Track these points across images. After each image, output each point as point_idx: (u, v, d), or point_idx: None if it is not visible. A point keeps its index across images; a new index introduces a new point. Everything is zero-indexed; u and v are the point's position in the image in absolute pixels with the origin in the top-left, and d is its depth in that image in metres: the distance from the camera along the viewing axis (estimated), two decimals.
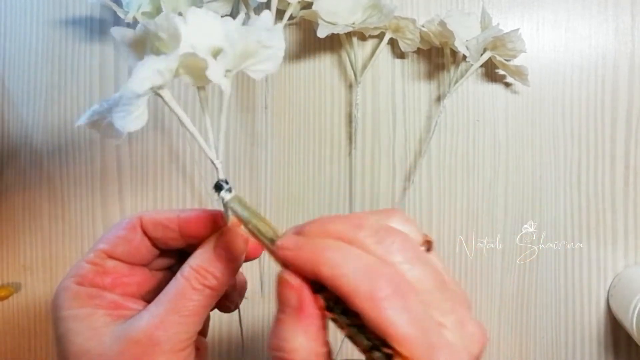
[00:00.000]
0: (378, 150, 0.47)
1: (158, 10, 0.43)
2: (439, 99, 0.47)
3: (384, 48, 0.46)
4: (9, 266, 0.47)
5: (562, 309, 0.47)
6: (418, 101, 0.47)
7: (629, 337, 0.46)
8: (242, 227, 0.26)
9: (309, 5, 0.43)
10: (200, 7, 0.43)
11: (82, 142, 0.47)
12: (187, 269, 0.27)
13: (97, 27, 0.45)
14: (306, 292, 0.23)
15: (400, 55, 0.47)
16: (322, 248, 0.23)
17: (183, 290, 0.26)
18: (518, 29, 0.42)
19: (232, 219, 0.28)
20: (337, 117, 0.47)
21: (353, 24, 0.43)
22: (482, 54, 0.43)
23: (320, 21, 0.43)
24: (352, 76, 0.46)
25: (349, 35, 0.45)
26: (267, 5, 0.43)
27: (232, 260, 0.27)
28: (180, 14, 0.44)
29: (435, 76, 0.47)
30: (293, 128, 0.47)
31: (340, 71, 0.47)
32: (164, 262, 0.31)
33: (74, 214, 0.47)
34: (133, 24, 0.45)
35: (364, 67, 0.46)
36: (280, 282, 0.23)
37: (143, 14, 0.43)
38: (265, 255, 0.46)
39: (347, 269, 0.22)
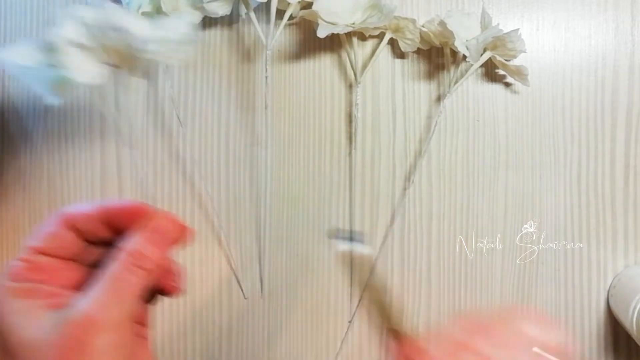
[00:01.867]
0: (378, 150, 0.47)
1: (158, 10, 0.43)
2: (439, 99, 0.47)
3: (384, 48, 0.46)
4: None
5: (562, 309, 0.47)
6: (418, 101, 0.47)
7: (629, 337, 0.46)
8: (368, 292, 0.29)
9: (309, 5, 0.43)
10: (200, 7, 0.43)
11: (82, 142, 0.47)
12: (121, 252, 0.28)
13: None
14: None
15: (400, 55, 0.47)
16: None
17: (118, 272, 0.28)
18: (518, 29, 0.42)
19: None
20: (337, 117, 0.47)
21: (353, 24, 0.43)
22: (482, 54, 0.43)
23: (320, 21, 0.43)
24: (352, 76, 0.46)
25: (349, 35, 0.45)
26: (267, 5, 0.43)
27: (163, 243, 0.29)
28: (180, 14, 0.44)
29: (435, 76, 0.47)
30: (293, 128, 0.47)
31: (340, 71, 0.47)
32: (94, 255, 0.31)
33: None
34: None
35: (364, 67, 0.46)
36: None
37: (143, 13, 0.43)
38: (266, 256, 0.46)
39: None
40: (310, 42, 0.47)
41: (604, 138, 0.47)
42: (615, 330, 0.47)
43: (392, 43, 0.46)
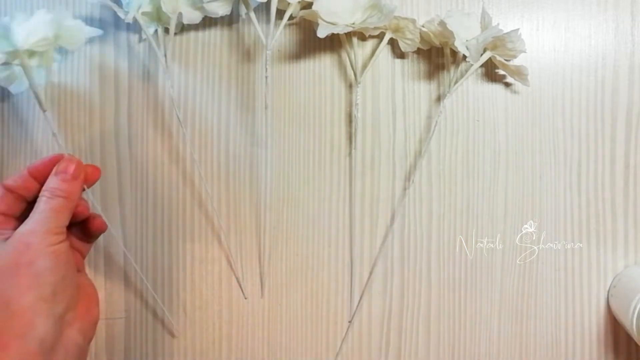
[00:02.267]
0: (378, 150, 0.47)
1: (158, 10, 0.43)
2: (439, 99, 0.47)
3: (384, 48, 0.46)
4: None
5: (562, 309, 0.47)
6: (418, 101, 0.47)
7: (629, 337, 0.46)
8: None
9: (309, 6, 0.43)
10: (200, 6, 0.43)
11: (82, 143, 0.47)
12: (42, 192, 0.38)
13: (96, 28, 0.45)
14: None
15: (400, 55, 0.47)
16: None
17: (43, 204, 0.37)
18: (518, 29, 0.42)
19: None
20: (337, 117, 0.47)
21: (353, 24, 0.43)
22: (482, 54, 0.43)
23: (320, 21, 0.43)
24: (352, 76, 0.46)
25: (349, 35, 0.45)
26: (267, 5, 0.43)
27: (72, 179, 0.39)
28: (180, 14, 0.44)
29: (435, 76, 0.47)
30: (293, 128, 0.47)
31: (340, 71, 0.47)
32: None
33: None
34: (133, 25, 0.45)
35: (364, 67, 0.46)
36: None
37: (143, 14, 0.43)
38: (266, 256, 0.46)
39: None
40: (310, 42, 0.47)
41: (604, 138, 0.47)
42: (615, 330, 0.47)
43: (392, 43, 0.46)
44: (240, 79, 0.47)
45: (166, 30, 0.44)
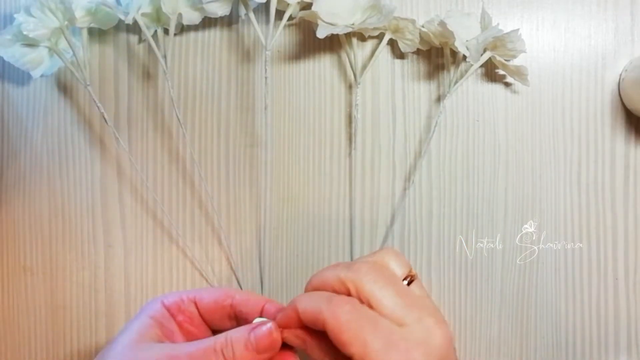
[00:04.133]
0: (378, 150, 0.47)
1: (158, 11, 0.43)
2: (439, 99, 0.47)
3: (384, 48, 0.46)
4: (9, 267, 0.47)
5: (562, 309, 0.47)
6: (418, 101, 0.47)
7: (629, 337, 0.46)
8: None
9: (308, 6, 0.43)
10: (199, 7, 0.43)
11: (82, 143, 0.47)
12: (223, 335, 0.32)
13: (96, 28, 0.45)
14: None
15: (400, 55, 0.47)
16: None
17: (207, 347, 0.32)
18: (518, 29, 0.42)
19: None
20: (337, 117, 0.47)
21: (352, 24, 0.43)
22: (482, 54, 0.43)
23: (319, 22, 0.43)
24: (352, 77, 0.46)
25: (348, 35, 0.45)
26: (267, 6, 0.43)
27: (254, 351, 0.32)
28: (180, 15, 0.44)
29: (435, 76, 0.47)
30: (293, 128, 0.47)
31: (340, 72, 0.47)
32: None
33: (74, 214, 0.47)
34: (133, 25, 0.45)
35: (364, 67, 0.46)
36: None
37: (143, 14, 0.43)
38: (266, 256, 0.46)
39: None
40: (310, 42, 0.47)
41: (604, 138, 0.47)
42: (615, 330, 0.47)
43: (392, 43, 0.46)
44: (239, 79, 0.47)
45: (166, 31, 0.44)
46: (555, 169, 0.47)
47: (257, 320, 0.34)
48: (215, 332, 0.37)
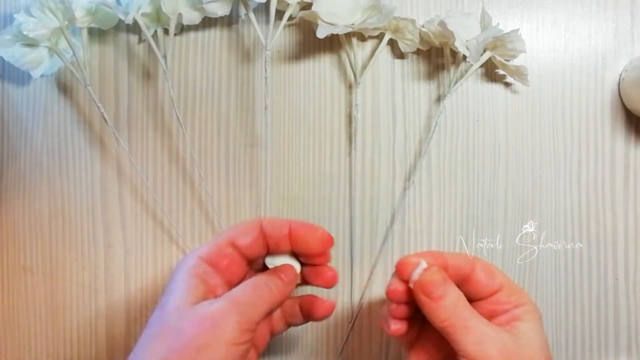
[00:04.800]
0: (378, 150, 0.47)
1: (158, 11, 0.43)
2: (439, 99, 0.47)
3: (384, 49, 0.46)
4: (9, 267, 0.47)
5: (562, 309, 0.47)
6: (418, 101, 0.47)
7: (629, 337, 0.46)
8: None
9: (308, 6, 0.43)
10: (199, 7, 0.43)
11: (82, 143, 0.47)
12: (271, 271, 0.37)
13: (96, 28, 0.45)
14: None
15: (400, 55, 0.47)
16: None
17: (256, 283, 0.35)
18: (518, 29, 0.42)
19: None
20: (337, 117, 0.47)
21: (352, 24, 0.43)
22: (482, 54, 0.43)
23: (319, 22, 0.43)
24: (352, 77, 0.46)
25: (348, 35, 0.45)
26: (267, 6, 0.43)
27: (289, 284, 0.37)
28: (180, 15, 0.44)
29: (435, 76, 0.47)
30: (293, 128, 0.47)
31: (340, 72, 0.47)
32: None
33: (74, 214, 0.47)
34: (133, 25, 0.45)
35: (364, 67, 0.46)
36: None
37: (143, 14, 0.43)
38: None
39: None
40: (310, 42, 0.47)
41: (604, 138, 0.47)
42: (615, 330, 0.47)
43: (392, 43, 0.46)
44: (239, 79, 0.47)
45: (166, 31, 0.44)
46: (555, 169, 0.47)
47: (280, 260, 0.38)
48: (250, 264, 0.38)
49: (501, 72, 0.46)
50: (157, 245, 0.47)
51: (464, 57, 0.43)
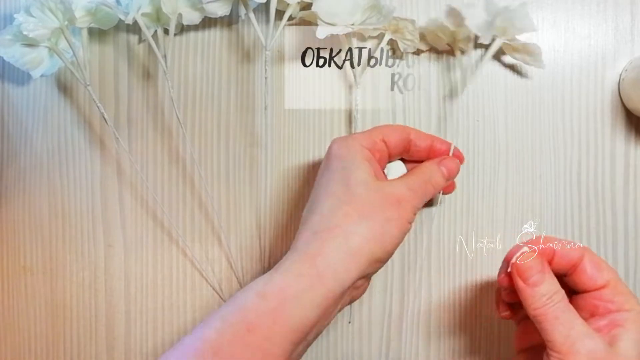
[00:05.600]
0: None
1: (158, 11, 0.43)
2: (439, 99, 0.47)
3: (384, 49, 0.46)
4: (9, 267, 0.47)
5: None
6: (418, 101, 0.47)
7: None
8: None
9: (308, 6, 0.43)
10: (199, 7, 0.43)
11: (82, 143, 0.47)
12: (426, 171, 0.40)
13: (96, 28, 0.45)
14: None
15: (400, 55, 0.47)
16: None
17: (421, 182, 0.39)
18: (525, 4, 0.41)
19: None
20: (337, 117, 0.47)
21: (352, 25, 0.43)
22: (492, 42, 0.42)
23: (319, 22, 0.43)
24: (352, 77, 0.46)
25: (348, 36, 0.45)
26: (267, 6, 0.43)
27: (447, 178, 0.41)
28: (180, 15, 0.44)
29: (435, 76, 0.47)
30: (293, 128, 0.47)
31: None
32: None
33: (74, 214, 0.47)
34: (133, 25, 0.45)
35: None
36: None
37: (143, 14, 0.43)
38: (266, 256, 0.46)
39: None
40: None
41: (604, 138, 0.47)
42: None
43: (392, 43, 0.46)
44: (239, 79, 0.47)
45: (166, 31, 0.44)
46: (555, 168, 0.47)
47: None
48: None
49: (502, 71, 0.46)
50: (157, 245, 0.47)
51: (475, 45, 0.42)
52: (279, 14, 0.43)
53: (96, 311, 0.47)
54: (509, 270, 0.36)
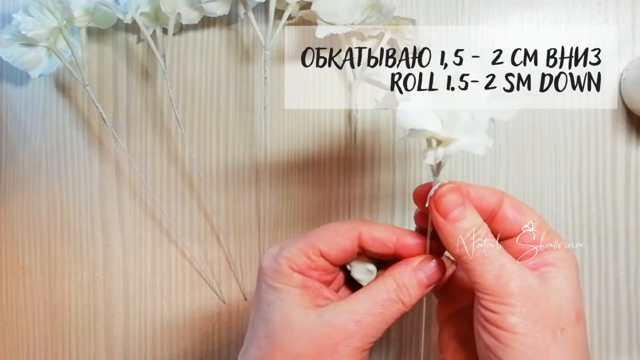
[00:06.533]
0: (378, 150, 0.47)
1: (157, 11, 0.43)
2: None
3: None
4: (8, 267, 0.47)
5: None
6: None
7: (630, 337, 0.46)
8: None
9: (307, 6, 0.43)
10: (198, 6, 0.43)
11: (81, 143, 0.47)
12: (391, 281, 0.31)
13: (94, 27, 0.45)
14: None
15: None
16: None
17: (384, 299, 0.30)
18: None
19: None
20: (337, 117, 0.47)
21: (352, 24, 0.43)
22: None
23: (319, 21, 0.43)
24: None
25: (348, 35, 0.45)
26: (266, 6, 0.43)
27: (427, 287, 0.32)
28: (178, 14, 0.44)
29: None
30: (293, 128, 0.47)
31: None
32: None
33: (72, 214, 0.47)
34: (132, 25, 0.45)
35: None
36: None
37: (142, 14, 0.43)
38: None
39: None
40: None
41: (604, 138, 0.47)
42: (616, 330, 0.46)
43: (392, 43, 0.46)
44: (239, 79, 0.47)
45: (165, 31, 0.44)
46: (556, 169, 0.47)
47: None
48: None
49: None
50: (156, 245, 0.47)
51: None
52: (279, 13, 0.43)
53: (95, 311, 0.47)
54: (426, 205, 0.32)
